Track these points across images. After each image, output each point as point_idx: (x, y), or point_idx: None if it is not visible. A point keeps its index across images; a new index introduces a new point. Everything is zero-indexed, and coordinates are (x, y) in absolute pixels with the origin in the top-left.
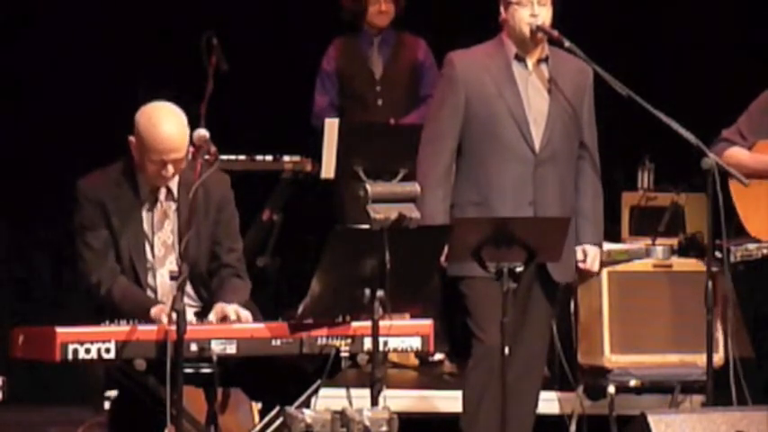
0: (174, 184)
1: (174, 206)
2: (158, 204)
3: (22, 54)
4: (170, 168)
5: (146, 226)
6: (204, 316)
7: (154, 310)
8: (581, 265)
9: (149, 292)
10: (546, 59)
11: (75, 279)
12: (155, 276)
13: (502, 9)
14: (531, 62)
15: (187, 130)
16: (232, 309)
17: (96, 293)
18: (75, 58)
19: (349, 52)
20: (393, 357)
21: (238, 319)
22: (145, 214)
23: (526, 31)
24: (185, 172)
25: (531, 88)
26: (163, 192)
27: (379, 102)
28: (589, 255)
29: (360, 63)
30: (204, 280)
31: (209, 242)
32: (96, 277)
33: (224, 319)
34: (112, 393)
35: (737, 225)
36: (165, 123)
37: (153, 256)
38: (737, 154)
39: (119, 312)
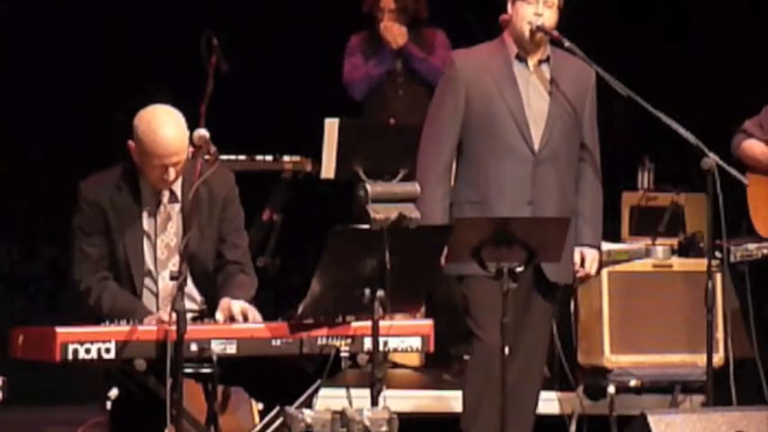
0: (177, 187)
1: (177, 207)
2: (161, 207)
3: (21, 54)
4: (171, 172)
5: (148, 229)
6: (211, 315)
7: (146, 321)
8: (579, 272)
9: (150, 296)
10: (547, 60)
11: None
12: (156, 280)
13: (509, 6)
14: (531, 62)
15: (186, 132)
16: (238, 306)
17: (85, 301)
18: (74, 59)
19: (369, 46)
20: (394, 357)
21: (245, 317)
22: (147, 217)
23: (526, 29)
24: (188, 173)
25: (531, 88)
26: (166, 194)
27: (400, 92)
28: (587, 258)
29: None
30: (211, 279)
31: (215, 240)
32: (86, 285)
33: (231, 318)
34: (113, 393)
35: (748, 224)
36: (164, 127)
37: (155, 259)
38: (753, 147)
39: (107, 319)
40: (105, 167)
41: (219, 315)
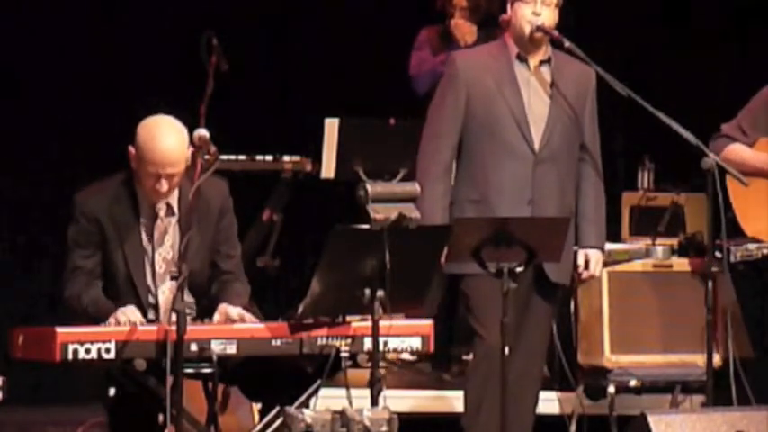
0: (173, 200)
1: (174, 220)
2: (158, 221)
3: (22, 54)
4: (164, 183)
5: (145, 242)
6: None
7: (111, 320)
8: (584, 274)
9: (150, 310)
10: (548, 61)
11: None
12: (156, 293)
13: (508, 6)
14: (532, 63)
15: (186, 147)
16: (236, 311)
17: (71, 306)
18: (73, 58)
19: (438, 41)
20: (394, 357)
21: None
22: (144, 231)
23: (526, 28)
24: (185, 186)
25: (532, 88)
26: (163, 207)
27: None
28: (591, 259)
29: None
30: (205, 290)
31: (210, 252)
32: (70, 293)
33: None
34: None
35: (732, 223)
36: (165, 137)
37: (153, 272)
38: (740, 151)
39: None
40: (102, 169)
41: (217, 317)
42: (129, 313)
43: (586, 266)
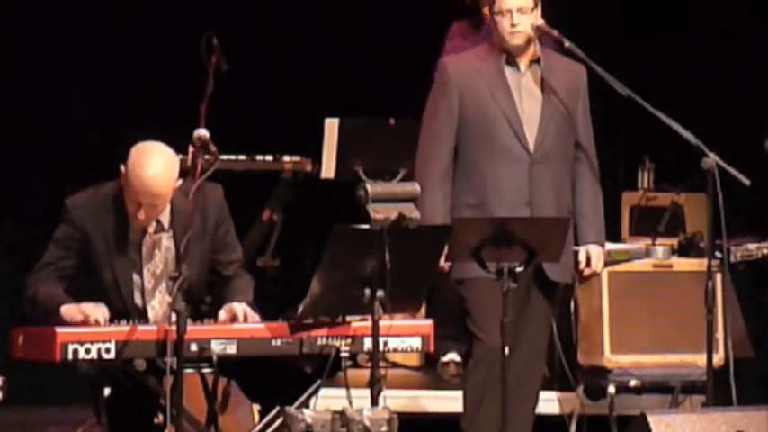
0: (164, 216)
1: (164, 235)
2: (147, 236)
3: (22, 54)
4: (142, 213)
5: (134, 258)
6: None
7: (63, 308)
8: (586, 271)
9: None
10: (538, 60)
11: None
12: (145, 308)
13: (490, 18)
14: (522, 64)
15: (172, 181)
16: (241, 308)
17: (26, 294)
18: (73, 58)
19: (470, 32)
20: (395, 357)
21: (246, 320)
22: (133, 246)
23: (508, 40)
24: (178, 199)
25: (523, 89)
26: (152, 224)
27: None
28: (593, 255)
29: None
30: (199, 297)
31: (206, 261)
32: (32, 281)
33: (233, 319)
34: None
35: None
36: (151, 168)
37: (143, 287)
38: None
39: (37, 314)
40: (99, 170)
41: (222, 314)
42: (97, 309)
43: (588, 263)
